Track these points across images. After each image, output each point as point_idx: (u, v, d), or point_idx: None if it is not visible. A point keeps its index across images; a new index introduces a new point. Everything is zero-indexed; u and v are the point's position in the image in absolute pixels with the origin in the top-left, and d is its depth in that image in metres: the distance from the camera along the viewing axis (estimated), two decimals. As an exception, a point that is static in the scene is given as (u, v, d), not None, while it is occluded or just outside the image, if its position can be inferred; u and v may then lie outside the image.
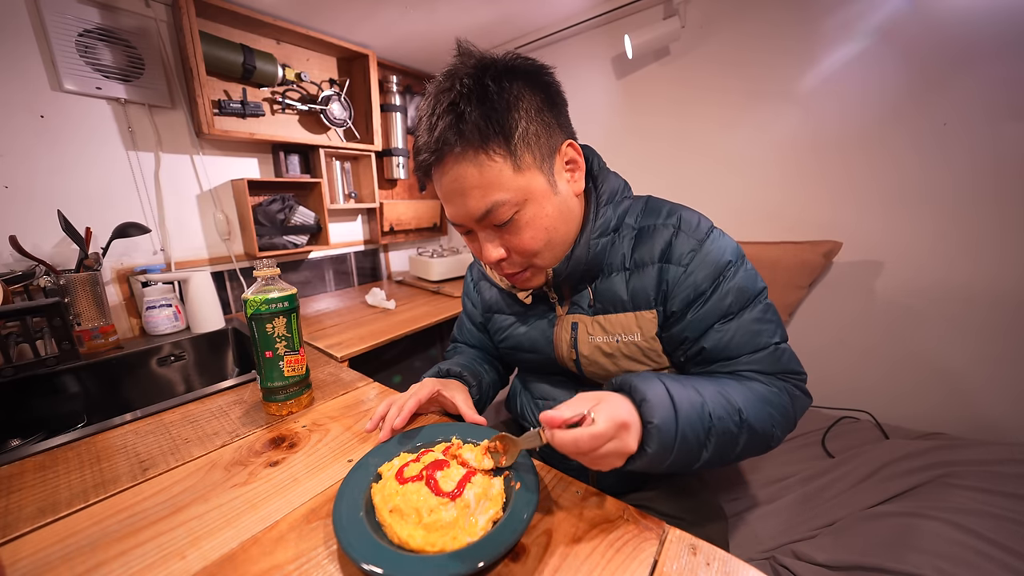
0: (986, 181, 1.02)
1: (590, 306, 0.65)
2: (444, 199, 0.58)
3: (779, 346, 0.59)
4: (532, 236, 0.56)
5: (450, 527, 0.42)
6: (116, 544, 0.45)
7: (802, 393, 0.61)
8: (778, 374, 0.59)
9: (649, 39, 1.38)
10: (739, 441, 0.51)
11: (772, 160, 1.33)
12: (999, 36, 0.97)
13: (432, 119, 0.52)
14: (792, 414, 0.58)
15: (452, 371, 0.74)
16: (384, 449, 0.57)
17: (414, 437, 0.59)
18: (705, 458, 0.49)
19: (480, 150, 0.51)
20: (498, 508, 0.45)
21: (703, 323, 0.59)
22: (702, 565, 0.40)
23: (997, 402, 1.06)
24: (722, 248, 0.60)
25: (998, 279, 1.04)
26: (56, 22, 1.04)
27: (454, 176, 0.53)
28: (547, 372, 0.77)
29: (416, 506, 0.44)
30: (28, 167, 1.05)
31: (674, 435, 0.45)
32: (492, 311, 0.80)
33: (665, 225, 0.62)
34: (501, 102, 0.51)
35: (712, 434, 0.49)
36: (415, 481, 0.47)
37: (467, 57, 0.54)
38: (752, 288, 0.60)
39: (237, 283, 1.49)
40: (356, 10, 1.39)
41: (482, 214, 0.54)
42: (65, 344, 0.85)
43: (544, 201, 0.56)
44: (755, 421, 0.52)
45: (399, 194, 2.07)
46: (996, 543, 0.66)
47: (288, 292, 0.69)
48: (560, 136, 0.57)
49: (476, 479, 0.47)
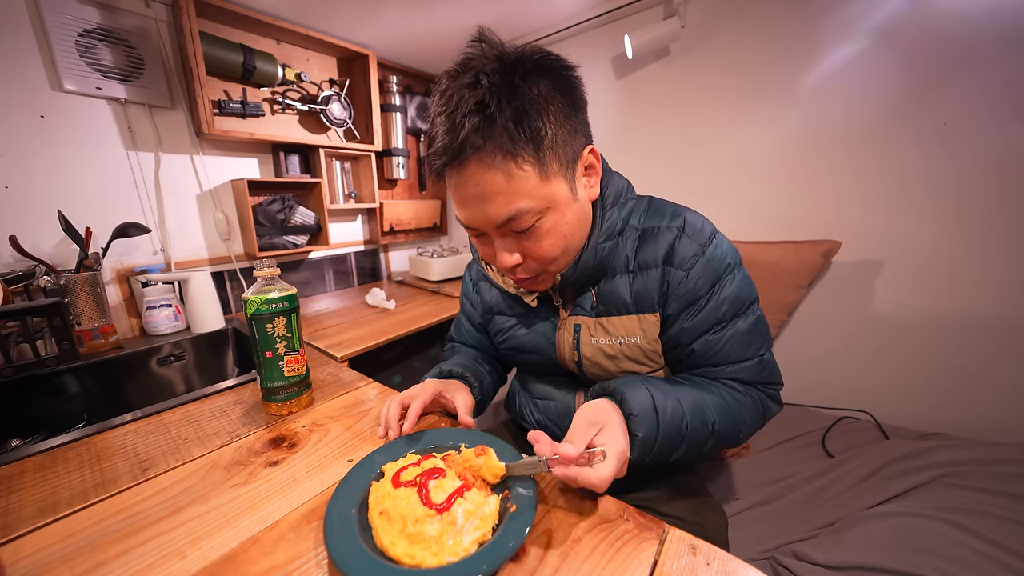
0: (986, 181, 1.02)
1: (593, 308, 0.65)
2: (460, 203, 0.55)
3: (763, 358, 0.62)
4: (551, 244, 0.55)
5: (433, 542, 0.40)
6: (116, 544, 0.45)
7: (775, 403, 0.65)
8: (757, 384, 0.62)
9: (649, 39, 1.38)
10: (707, 443, 0.56)
11: (772, 160, 1.33)
12: (999, 36, 0.97)
13: (455, 117, 0.48)
14: (761, 420, 0.63)
15: (454, 371, 0.74)
16: (392, 448, 0.57)
17: (422, 439, 0.58)
18: (675, 458, 0.54)
19: (509, 156, 0.49)
20: (487, 530, 0.42)
21: (697, 329, 0.60)
22: (702, 565, 0.40)
23: (997, 402, 1.06)
24: (723, 254, 0.61)
25: (998, 279, 1.03)
26: (56, 22, 1.04)
27: (477, 181, 0.50)
28: (547, 373, 0.77)
29: (403, 513, 0.43)
30: (28, 167, 1.05)
31: (653, 445, 0.50)
32: (493, 312, 0.79)
33: (669, 227, 0.62)
34: (531, 106, 0.49)
35: (684, 441, 0.53)
36: (408, 487, 0.46)
37: (488, 47, 0.51)
38: (746, 297, 0.61)
39: (237, 283, 1.49)
40: (356, 10, 1.39)
41: (503, 221, 0.52)
42: (65, 344, 0.85)
43: (565, 209, 0.55)
44: (724, 429, 0.57)
45: (399, 194, 2.07)
46: (996, 543, 0.66)
47: (288, 292, 0.69)
48: (582, 141, 0.56)
49: (469, 495, 0.45)
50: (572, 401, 0.73)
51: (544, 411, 0.77)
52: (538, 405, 0.78)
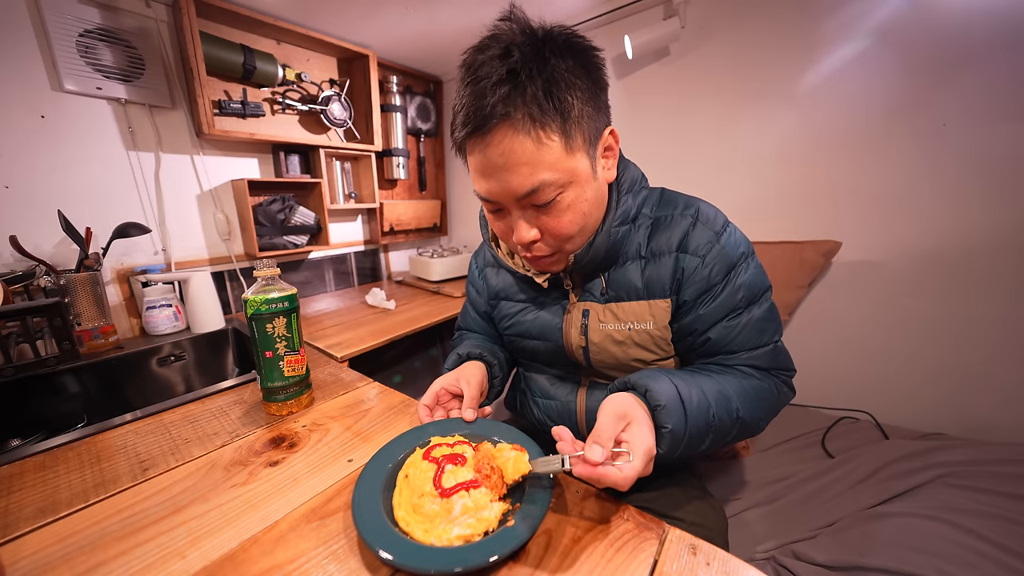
0: (986, 181, 1.02)
1: (602, 294, 0.66)
2: (481, 172, 0.54)
3: (778, 344, 0.63)
4: (571, 220, 0.56)
5: (427, 519, 0.43)
6: (116, 544, 0.45)
7: (788, 388, 0.65)
8: (771, 370, 0.63)
9: (649, 39, 1.38)
10: (731, 433, 0.56)
11: (773, 159, 1.33)
12: (999, 36, 0.96)
13: (484, 83, 0.48)
14: (778, 406, 0.63)
15: (472, 353, 0.74)
16: (446, 424, 0.60)
17: (476, 425, 0.60)
18: (701, 449, 0.53)
19: (538, 125, 0.49)
20: (479, 532, 0.42)
21: (713, 316, 0.60)
22: (702, 565, 0.40)
23: (997, 402, 1.06)
24: (737, 242, 0.62)
25: (998, 279, 1.03)
26: (56, 22, 1.04)
27: (504, 149, 0.50)
28: (550, 363, 0.77)
29: (417, 484, 0.47)
30: (28, 167, 1.05)
31: (683, 438, 0.48)
32: (499, 298, 0.79)
33: (683, 216, 0.63)
34: (561, 78, 0.49)
35: (711, 431, 0.52)
36: (432, 463, 0.49)
37: (518, 24, 0.51)
38: (760, 285, 0.62)
39: (237, 283, 1.49)
40: (356, 10, 1.39)
41: (525, 192, 0.52)
42: (65, 344, 0.85)
43: (586, 185, 0.55)
44: (747, 416, 0.56)
45: (399, 194, 2.07)
46: (996, 543, 0.66)
47: (288, 292, 0.69)
48: (604, 120, 0.57)
49: (475, 492, 0.45)
50: (573, 401, 0.73)
51: (545, 410, 0.77)
52: (539, 404, 0.78)
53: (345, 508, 0.49)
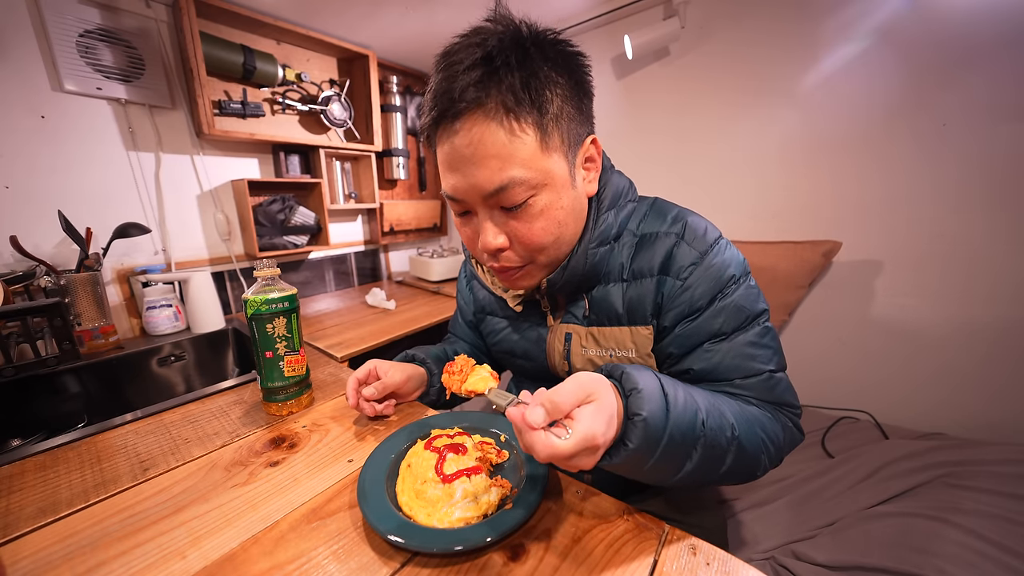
0: (986, 181, 1.02)
1: (585, 316, 0.62)
2: (449, 166, 0.50)
3: (774, 375, 0.54)
4: (543, 227, 0.51)
5: (430, 504, 0.46)
6: (116, 544, 0.45)
7: (795, 427, 0.55)
8: (771, 404, 0.54)
9: (649, 39, 1.38)
10: (726, 459, 0.45)
11: (772, 159, 1.33)
12: (999, 36, 0.97)
13: (456, 67, 0.45)
14: (782, 445, 0.53)
15: (417, 356, 0.75)
16: (446, 418, 0.63)
17: (474, 418, 0.63)
18: (687, 469, 0.43)
19: (512, 115, 0.45)
20: (478, 514, 0.46)
21: (690, 340, 0.55)
22: (702, 565, 0.40)
23: (997, 402, 1.06)
24: (726, 262, 0.55)
25: (998, 279, 1.04)
26: (57, 22, 1.04)
27: (472, 139, 0.46)
28: (540, 378, 0.76)
29: (419, 471, 0.49)
30: (29, 167, 1.05)
31: (662, 433, 0.39)
32: (485, 312, 0.78)
33: (668, 233, 0.57)
34: (541, 74, 0.46)
35: (700, 445, 0.43)
36: (433, 452, 0.52)
37: (502, 23, 0.48)
38: (751, 308, 0.54)
39: (237, 283, 1.49)
40: (356, 10, 1.39)
41: (494, 189, 0.47)
42: (65, 344, 0.85)
43: (562, 191, 0.50)
44: (746, 442, 0.47)
45: (399, 194, 2.07)
46: (996, 543, 0.66)
47: (288, 292, 0.69)
48: (586, 128, 0.53)
49: (475, 479, 0.48)
50: None
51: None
52: None
53: (346, 508, 0.49)
